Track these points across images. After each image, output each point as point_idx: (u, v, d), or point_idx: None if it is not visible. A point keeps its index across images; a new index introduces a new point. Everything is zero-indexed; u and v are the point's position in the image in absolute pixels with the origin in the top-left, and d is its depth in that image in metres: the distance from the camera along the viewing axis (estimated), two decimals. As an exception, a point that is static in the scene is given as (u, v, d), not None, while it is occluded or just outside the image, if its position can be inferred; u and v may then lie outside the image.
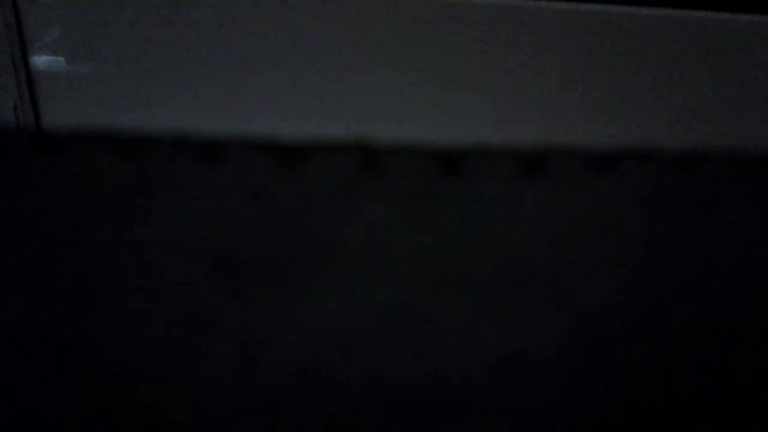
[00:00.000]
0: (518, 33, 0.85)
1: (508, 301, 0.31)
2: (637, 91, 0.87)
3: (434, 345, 0.31)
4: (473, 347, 0.31)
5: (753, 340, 0.32)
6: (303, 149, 0.29)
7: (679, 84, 0.86)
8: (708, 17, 0.84)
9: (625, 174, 0.29)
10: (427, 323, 0.31)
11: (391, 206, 0.30)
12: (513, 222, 0.30)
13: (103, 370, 0.32)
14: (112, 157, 0.29)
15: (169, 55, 0.87)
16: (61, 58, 0.88)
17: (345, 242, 0.30)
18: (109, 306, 0.31)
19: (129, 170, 0.29)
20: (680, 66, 0.85)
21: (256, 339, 0.31)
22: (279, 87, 0.88)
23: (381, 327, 0.31)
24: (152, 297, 0.31)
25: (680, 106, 0.87)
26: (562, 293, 0.31)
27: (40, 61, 0.88)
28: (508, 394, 0.32)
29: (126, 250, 0.30)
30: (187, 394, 0.32)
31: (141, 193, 0.29)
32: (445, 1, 0.85)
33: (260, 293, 0.31)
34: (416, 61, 0.87)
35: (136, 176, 0.29)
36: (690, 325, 0.31)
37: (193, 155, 0.29)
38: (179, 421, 0.32)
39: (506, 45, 0.86)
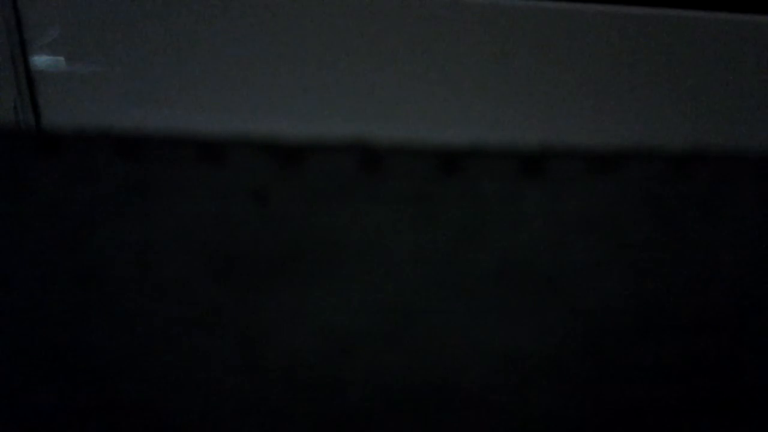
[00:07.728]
0: (518, 33, 0.85)
1: (508, 301, 0.31)
2: (637, 91, 0.87)
3: (434, 345, 0.31)
4: (473, 347, 0.31)
5: (753, 340, 0.32)
6: (303, 149, 0.29)
7: (679, 84, 0.86)
8: (708, 17, 0.84)
9: (625, 174, 0.29)
10: (427, 323, 0.31)
11: (391, 206, 0.30)
12: (513, 222, 0.30)
13: (103, 370, 0.32)
14: (112, 157, 0.29)
15: (169, 55, 0.87)
16: (61, 58, 0.88)
17: (345, 242, 0.30)
18: (109, 306, 0.31)
19: (129, 170, 0.29)
20: (680, 66, 0.85)
21: (256, 339, 0.31)
22: (279, 87, 0.88)
23: (381, 327, 0.31)
24: (152, 297, 0.31)
25: (680, 106, 0.87)
26: (562, 293, 0.31)
27: (40, 61, 0.88)
28: (508, 394, 0.32)
29: (126, 250, 0.30)
30: (187, 394, 0.32)
31: (141, 193, 0.29)
32: (445, 1, 0.85)
33: (260, 293, 0.31)
34: (416, 61, 0.87)
35: (136, 176, 0.29)
36: (690, 324, 0.31)
37: (193, 155, 0.29)
38: (179, 421, 0.32)
39: (506, 45, 0.86)
